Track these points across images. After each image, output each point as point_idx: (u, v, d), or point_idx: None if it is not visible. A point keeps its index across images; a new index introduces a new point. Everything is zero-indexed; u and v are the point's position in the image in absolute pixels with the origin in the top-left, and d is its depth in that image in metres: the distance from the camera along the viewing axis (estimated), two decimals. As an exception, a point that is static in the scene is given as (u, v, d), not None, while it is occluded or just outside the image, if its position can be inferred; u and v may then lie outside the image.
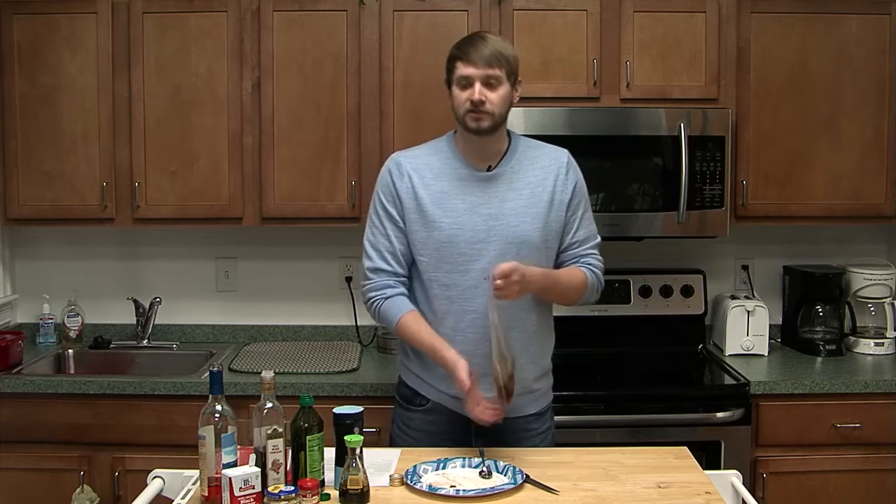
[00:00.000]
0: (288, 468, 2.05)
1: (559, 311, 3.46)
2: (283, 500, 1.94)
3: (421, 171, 2.48)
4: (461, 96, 2.41)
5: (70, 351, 3.52)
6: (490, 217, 2.42)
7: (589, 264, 2.52)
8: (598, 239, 2.57)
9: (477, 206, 2.43)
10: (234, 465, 2.00)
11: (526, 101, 3.22)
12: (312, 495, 1.98)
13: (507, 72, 2.39)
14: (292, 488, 1.97)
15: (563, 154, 2.54)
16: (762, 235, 3.63)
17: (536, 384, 2.53)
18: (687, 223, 3.21)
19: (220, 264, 3.68)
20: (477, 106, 2.37)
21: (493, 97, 2.38)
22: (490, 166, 2.47)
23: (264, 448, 2.02)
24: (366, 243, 2.55)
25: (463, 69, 2.39)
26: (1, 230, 3.58)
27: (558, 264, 2.51)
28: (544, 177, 2.48)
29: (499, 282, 2.22)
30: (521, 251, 2.39)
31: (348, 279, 3.67)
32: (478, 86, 2.37)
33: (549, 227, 2.46)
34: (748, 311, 3.39)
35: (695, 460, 2.31)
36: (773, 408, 3.07)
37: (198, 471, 2.06)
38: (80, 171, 3.30)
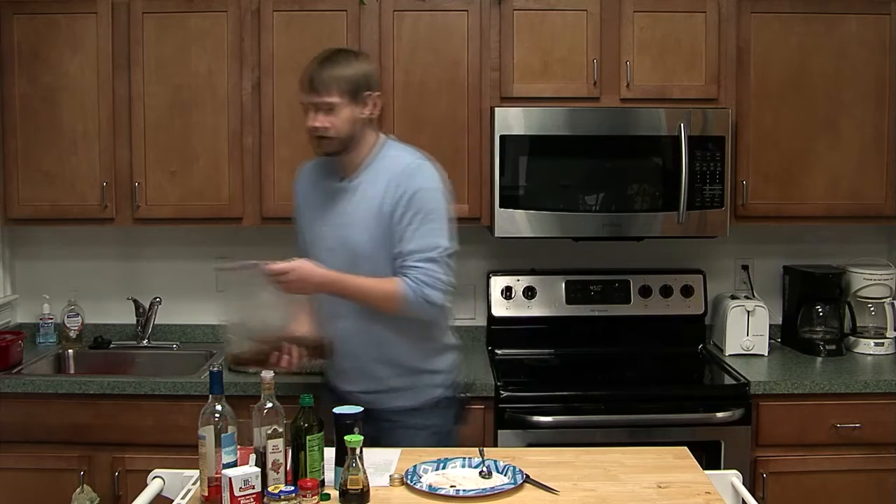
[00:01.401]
0: (288, 468, 2.05)
1: (559, 310, 3.51)
2: (283, 500, 1.94)
3: (311, 178, 2.67)
4: (306, 121, 2.50)
5: (70, 351, 3.52)
6: (338, 226, 2.54)
7: (411, 277, 2.45)
8: (437, 252, 2.47)
9: (330, 215, 2.56)
10: (234, 465, 2.00)
11: (526, 101, 3.24)
12: (312, 495, 1.98)
13: (348, 93, 2.45)
14: (292, 488, 1.97)
15: (405, 162, 2.53)
16: (762, 235, 3.63)
17: (396, 381, 2.56)
18: (687, 223, 3.21)
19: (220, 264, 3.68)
20: (317, 131, 2.46)
21: (333, 121, 2.45)
22: (347, 177, 2.56)
23: (264, 448, 2.02)
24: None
25: (301, 96, 2.49)
26: (1, 230, 3.58)
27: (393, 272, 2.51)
28: (382, 188, 2.49)
29: (274, 279, 2.40)
30: (358, 261, 2.49)
31: (348, 279, 3.66)
32: (312, 114, 2.46)
33: (382, 240, 2.49)
34: (748, 311, 3.39)
35: (695, 460, 2.31)
36: (773, 408, 3.07)
37: (198, 471, 2.06)
38: (80, 171, 3.30)
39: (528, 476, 2.15)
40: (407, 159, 2.54)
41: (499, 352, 3.49)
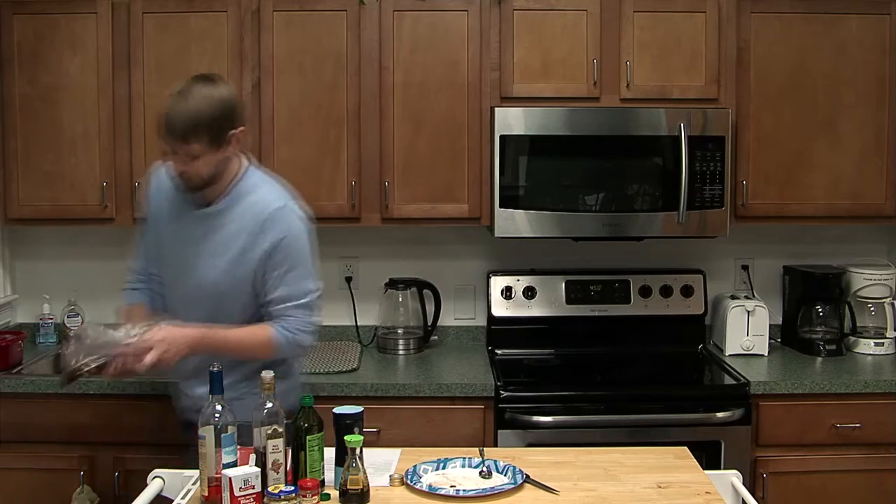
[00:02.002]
0: (288, 468, 2.05)
1: (559, 310, 3.51)
2: (283, 500, 1.94)
3: (167, 189, 2.50)
4: (167, 161, 2.39)
5: (70, 351, 3.52)
6: (188, 256, 2.44)
7: (282, 324, 2.41)
8: (307, 299, 2.44)
9: (186, 240, 2.45)
10: (234, 465, 2.00)
11: (526, 101, 3.25)
12: (312, 495, 1.98)
13: (210, 140, 2.30)
14: (292, 488, 1.97)
15: (271, 206, 2.42)
16: (762, 235, 3.63)
17: (244, 388, 2.43)
18: (687, 223, 3.21)
19: (220, 264, 3.68)
20: (179, 176, 2.37)
21: (193, 169, 2.33)
22: (206, 205, 2.44)
23: (264, 448, 2.02)
24: (136, 239, 2.67)
25: (161, 140, 2.35)
26: (1, 230, 3.58)
27: (260, 318, 2.44)
28: (240, 229, 2.40)
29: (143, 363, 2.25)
30: (201, 298, 2.42)
31: (348, 279, 3.67)
32: (174, 160, 2.34)
33: (232, 281, 2.41)
34: (748, 311, 3.39)
35: (695, 460, 2.31)
36: (773, 408, 3.07)
37: (198, 471, 2.06)
38: (80, 171, 3.30)
39: (528, 476, 2.15)
40: (272, 201, 2.42)
41: (499, 352, 3.49)
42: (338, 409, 2.12)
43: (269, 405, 2.03)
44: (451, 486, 2.11)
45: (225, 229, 2.41)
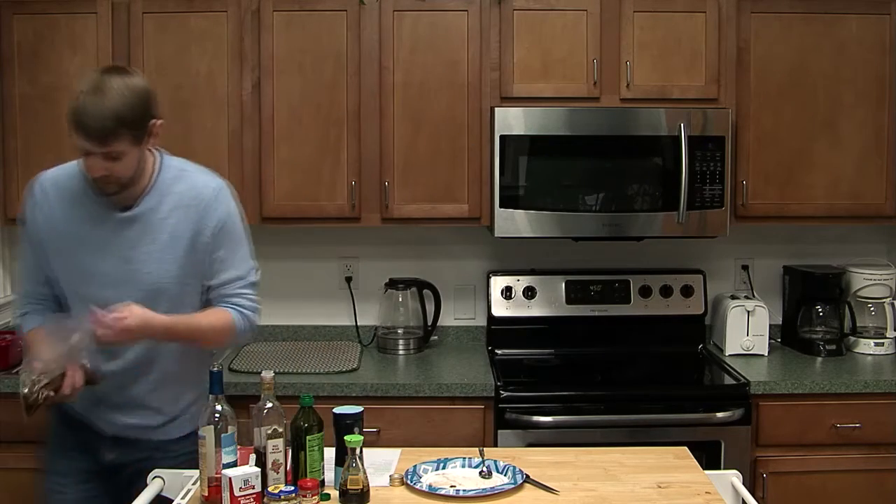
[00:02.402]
0: (288, 468, 2.05)
1: (559, 310, 3.51)
2: (283, 500, 1.94)
3: (62, 199, 2.31)
4: (83, 163, 2.20)
5: (70, 351, 3.51)
6: (126, 261, 2.27)
7: (238, 305, 2.36)
8: (254, 277, 2.41)
9: (113, 247, 2.27)
10: (234, 465, 2.00)
11: (526, 101, 3.25)
12: (312, 495, 1.98)
13: (132, 137, 2.15)
14: (292, 488, 1.97)
15: (207, 188, 2.34)
16: (762, 235, 3.63)
17: (174, 409, 2.41)
18: (687, 223, 3.21)
19: (220, 264, 3.68)
20: (99, 179, 2.19)
21: (117, 169, 2.17)
22: (128, 206, 2.28)
23: (264, 448, 2.02)
24: (19, 263, 2.49)
25: (79, 141, 2.14)
26: (1, 230, 3.58)
27: (206, 303, 2.37)
28: (184, 216, 2.29)
29: (111, 329, 2.11)
30: (158, 297, 2.26)
31: (348, 279, 3.67)
32: (95, 162, 2.15)
33: (188, 272, 2.31)
34: (748, 311, 3.38)
35: (695, 460, 2.31)
36: (773, 408, 3.07)
37: (198, 471, 2.06)
38: (80, 171, 3.30)
39: (528, 476, 2.15)
40: (205, 184, 2.35)
41: (499, 352, 3.49)
42: (338, 409, 2.12)
43: (269, 405, 2.03)
44: (451, 486, 2.11)
45: (164, 226, 2.28)
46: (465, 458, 2.27)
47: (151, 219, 2.29)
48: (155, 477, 2.20)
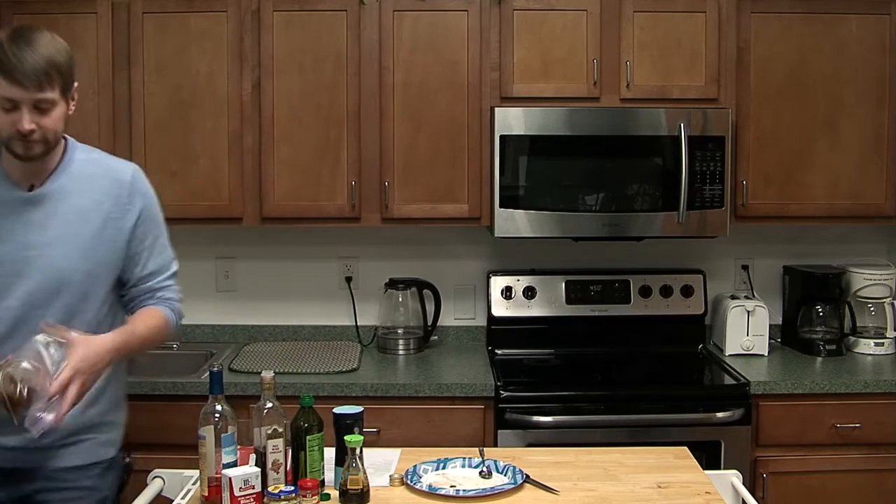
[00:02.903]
0: (288, 468, 2.05)
1: (559, 310, 3.51)
2: (283, 500, 1.94)
3: None
4: (5, 119, 1.97)
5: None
6: (26, 246, 2.06)
7: (166, 299, 2.23)
8: (175, 267, 2.28)
9: (12, 232, 2.06)
10: (234, 465, 2.00)
11: (526, 101, 3.25)
12: (312, 495, 1.98)
13: (63, 87, 2.01)
14: (292, 488, 1.97)
15: (125, 172, 2.20)
16: (762, 235, 3.63)
17: (72, 436, 2.14)
18: (687, 223, 3.21)
19: (220, 264, 3.68)
20: (26, 136, 1.98)
21: (48, 123, 2.00)
22: (32, 185, 2.10)
23: (264, 448, 2.02)
24: None
25: (7, 89, 1.94)
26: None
27: (129, 300, 2.22)
28: (99, 200, 2.13)
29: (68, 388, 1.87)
30: (61, 289, 2.06)
31: (348, 279, 3.67)
32: (26, 113, 1.96)
33: (100, 261, 2.12)
34: (748, 311, 3.38)
35: (695, 460, 2.32)
36: (773, 408, 3.07)
37: (198, 471, 2.06)
38: (80, 171, 3.29)
39: (528, 476, 2.15)
40: (124, 165, 2.22)
41: (499, 352, 3.49)
42: (338, 409, 2.12)
43: (269, 405, 2.03)
44: (451, 486, 2.11)
45: (73, 208, 2.09)
46: (465, 458, 2.27)
47: (59, 200, 2.09)
48: (155, 477, 2.20)
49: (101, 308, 2.16)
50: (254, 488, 1.95)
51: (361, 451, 2.02)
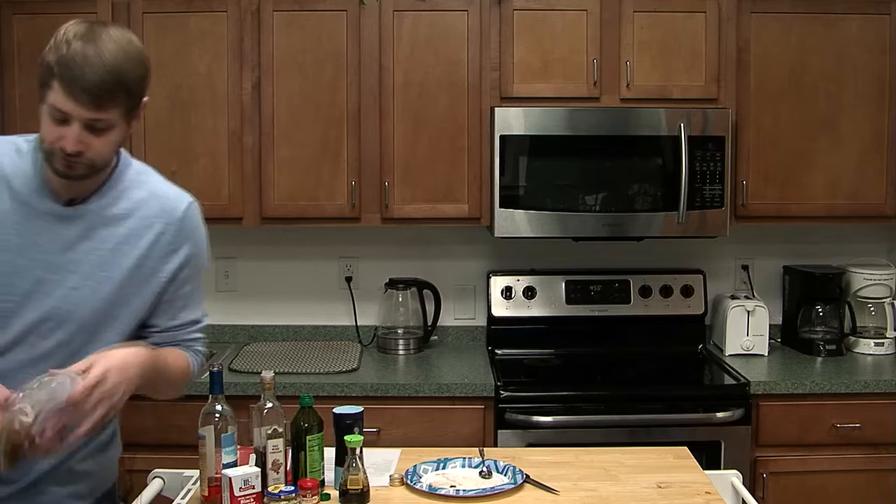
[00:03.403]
0: (288, 468, 2.05)
1: (559, 310, 3.51)
2: (283, 500, 1.94)
3: (14, 169, 1.78)
4: (52, 131, 1.66)
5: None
6: (45, 266, 1.74)
7: (195, 350, 1.99)
8: (206, 321, 2.00)
9: (34, 246, 1.75)
10: (234, 465, 2.00)
11: (526, 101, 3.25)
12: (312, 495, 1.98)
13: (127, 108, 1.70)
14: (292, 488, 1.97)
15: (178, 204, 1.87)
16: (762, 235, 3.63)
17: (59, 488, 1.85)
18: (687, 223, 3.21)
19: (220, 264, 3.68)
20: (71, 155, 1.67)
21: (98, 146, 1.68)
22: (72, 200, 1.78)
23: (264, 448, 2.02)
24: None
25: (61, 100, 1.63)
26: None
27: (151, 343, 1.87)
28: (140, 232, 1.81)
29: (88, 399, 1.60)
30: (65, 323, 1.75)
31: (348, 279, 3.67)
32: (76, 131, 1.64)
33: (123, 302, 1.80)
34: (748, 311, 3.38)
35: (695, 460, 2.31)
36: (773, 408, 3.07)
37: (198, 471, 2.06)
38: (80, 171, 3.30)
39: (528, 476, 2.15)
40: (176, 195, 1.89)
41: (499, 352, 3.49)
42: (338, 409, 2.12)
43: (269, 405, 2.03)
44: (451, 486, 2.11)
45: (113, 234, 1.79)
46: (465, 458, 2.27)
47: (96, 223, 1.79)
48: (155, 477, 2.20)
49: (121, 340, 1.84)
50: (254, 488, 1.95)
51: (361, 451, 2.02)
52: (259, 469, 1.98)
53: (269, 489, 1.98)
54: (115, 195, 1.82)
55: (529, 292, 3.52)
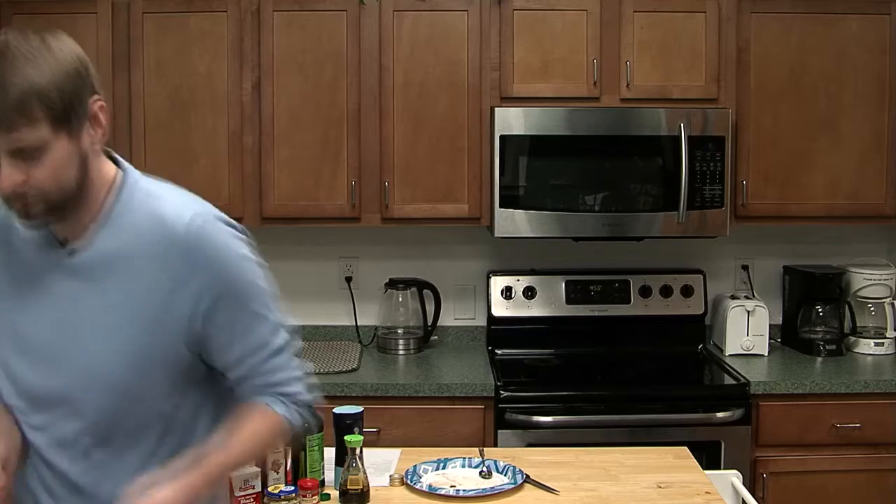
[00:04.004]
0: (288, 468, 2.05)
1: (559, 310, 3.51)
2: (283, 500, 1.95)
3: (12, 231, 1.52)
4: None
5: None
6: (59, 326, 1.48)
7: (275, 391, 1.57)
8: (279, 341, 1.59)
9: (46, 305, 1.50)
10: (234, 465, 2.00)
11: (526, 101, 3.25)
12: (312, 495, 1.98)
13: (55, 118, 1.37)
14: (292, 488, 1.97)
15: (177, 226, 1.49)
16: (762, 235, 3.63)
17: None
18: (687, 223, 3.21)
19: (220, 264, 3.67)
20: (15, 195, 1.39)
21: (40, 175, 1.37)
22: (67, 239, 1.49)
23: (264, 448, 2.01)
24: None
25: None
26: None
27: (232, 390, 1.59)
28: (147, 269, 1.47)
29: None
30: (94, 385, 1.48)
31: (348, 279, 3.67)
32: (4, 165, 1.36)
33: (150, 355, 1.48)
34: (748, 311, 3.38)
35: (695, 460, 2.32)
36: (773, 408, 3.07)
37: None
38: (80, 171, 3.29)
39: (528, 476, 2.15)
40: (185, 212, 1.51)
41: (499, 352, 3.49)
42: (338, 409, 2.12)
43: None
44: (451, 486, 2.11)
45: (120, 278, 1.48)
46: (465, 458, 2.27)
47: (100, 266, 1.48)
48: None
49: (164, 401, 1.53)
50: (254, 488, 1.95)
51: (361, 451, 2.02)
52: (259, 469, 1.99)
53: (269, 489, 1.98)
54: (116, 229, 1.49)
55: (529, 292, 3.52)
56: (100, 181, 1.50)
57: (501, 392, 3.03)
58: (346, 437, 2.00)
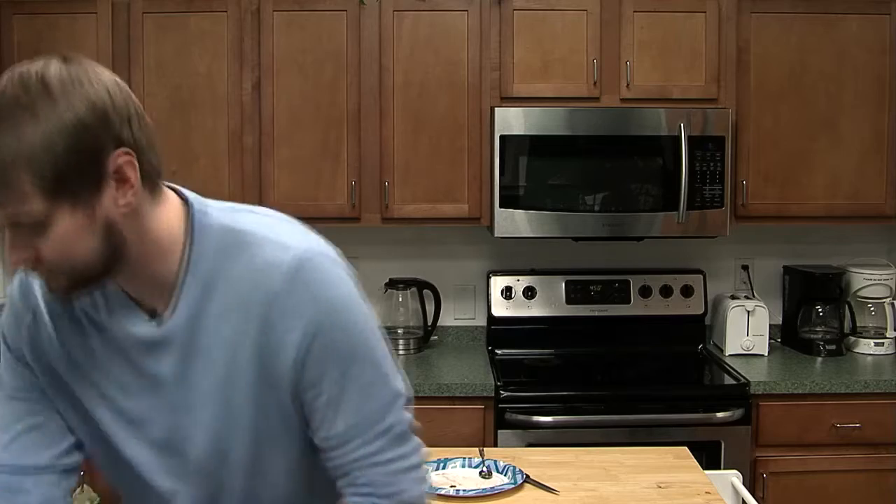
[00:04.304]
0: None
1: (559, 310, 3.51)
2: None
3: (89, 304, 1.28)
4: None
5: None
6: (170, 427, 1.28)
7: (370, 491, 1.26)
8: (390, 419, 1.27)
9: (151, 399, 1.28)
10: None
11: (526, 101, 3.25)
12: (312, 495, 1.97)
13: (46, 187, 1.10)
14: (292, 488, 1.96)
15: (278, 268, 1.24)
16: (762, 235, 3.63)
17: None
18: (687, 223, 3.21)
19: (220, 264, 3.68)
20: (34, 271, 1.19)
21: (46, 250, 1.14)
22: (156, 311, 1.26)
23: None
24: None
25: None
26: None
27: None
28: (245, 327, 1.24)
29: None
30: (233, 473, 1.29)
31: (348, 279, 3.66)
32: (7, 237, 1.17)
33: (270, 429, 1.27)
34: (748, 311, 3.38)
35: (695, 460, 2.31)
36: (773, 408, 3.07)
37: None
38: (80, 171, 3.29)
39: (528, 476, 2.15)
40: (275, 257, 1.25)
41: (499, 352, 3.49)
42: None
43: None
44: (451, 486, 2.11)
45: (216, 345, 1.25)
46: (465, 458, 2.27)
47: (192, 336, 1.25)
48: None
49: (293, 474, 1.32)
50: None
51: (361, 451, 2.01)
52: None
53: (269, 489, 1.96)
54: (204, 285, 1.24)
55: (529, 292, 3.52)
56: (165, 232, 1.23)
57: (501, 392, 3.03)
58: (346, 437, 2.00)
